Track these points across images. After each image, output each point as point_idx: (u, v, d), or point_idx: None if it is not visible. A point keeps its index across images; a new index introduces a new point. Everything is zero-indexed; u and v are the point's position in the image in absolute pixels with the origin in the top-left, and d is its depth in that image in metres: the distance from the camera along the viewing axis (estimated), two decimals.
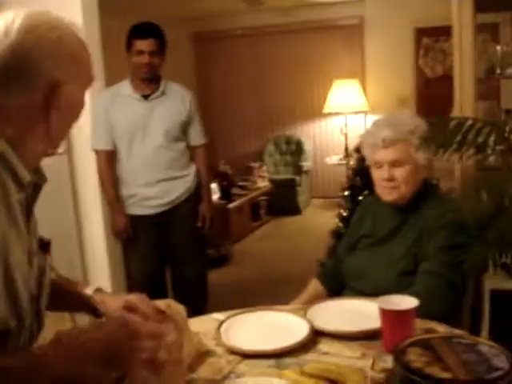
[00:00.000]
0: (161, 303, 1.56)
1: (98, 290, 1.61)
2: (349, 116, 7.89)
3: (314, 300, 2.15)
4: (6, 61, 1.18)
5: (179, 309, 1.58)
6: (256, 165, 7.87)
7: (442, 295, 2.00)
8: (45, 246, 1.41)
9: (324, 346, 1.73)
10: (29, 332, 1.32)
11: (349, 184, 3.09)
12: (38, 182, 1.33)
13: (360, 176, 2.80)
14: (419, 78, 7.93)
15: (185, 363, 1.51)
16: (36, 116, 1.23)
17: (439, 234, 2.09)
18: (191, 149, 3.72)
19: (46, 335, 1.94)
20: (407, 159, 2.15)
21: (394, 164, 2.16)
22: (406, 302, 1.65)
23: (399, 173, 2.15)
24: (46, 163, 1.34)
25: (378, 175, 2.21)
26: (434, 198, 2.22)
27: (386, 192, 2.20)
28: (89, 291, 1.59)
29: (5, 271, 1.16)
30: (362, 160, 2.79)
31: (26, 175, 1.24)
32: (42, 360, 1.12)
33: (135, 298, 1.55)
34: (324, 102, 8.03)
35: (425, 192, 2.22)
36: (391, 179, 2.16)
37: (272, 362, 1.64)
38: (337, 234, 3.13)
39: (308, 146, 8.36)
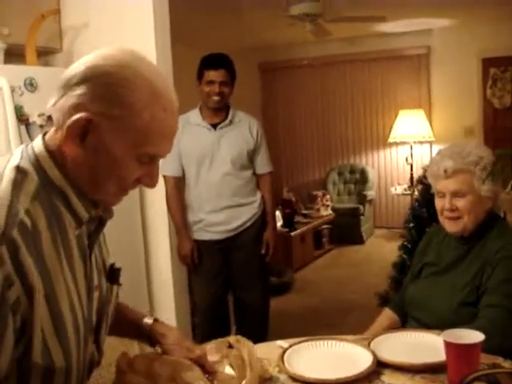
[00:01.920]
0: (231, 338, 1.61)
1: (156, 321, 1.62)
2: (414, 146, 7.84)
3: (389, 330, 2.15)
4: None
5: (248, 344, 1.60)
6: (319, 193, 7.86)
7: (507, 329, 1.96)
8: (113, 275, 1.43)
9: (387, 377, 1.73)
10: (88, 361, 1.33)
11: (413, 215, 3.05)
12: (104, 217, 1.34)
13: (427, 207, 2.77)
14: (487, 109, 7.81)
15: None
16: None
17: (503, 266, 2.06)
18: (257, 176, 3.78)
19: (114, 357, 2.01)
20: (469, 190, 2.13)
21: (456, 194, 2.15)
22: (472, 335, 1.63)
23: (461, 203, 2.15)
24: None
25: (440, 204, 2.22)
26: (499, 229, 2.20)
27: (448, 223, 2.20)
28: (148, 321, 1.61)
29: (53, 314, 1.16)
30: (426, 191, 2.77)
31: (84, 214, 1.25)
32: None
33: (200, 351, 1.57)
34: (389, 132, 8.01)
35: (489, 223, 2.20)
36: (453, 209, 2.16)
37: None
38: (400, 267, 3.09)
39: (372, 176, 8.32)
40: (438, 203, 2.23)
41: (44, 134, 1.27)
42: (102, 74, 1.19)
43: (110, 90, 1.18)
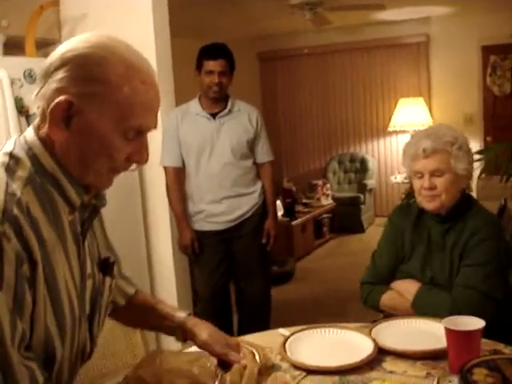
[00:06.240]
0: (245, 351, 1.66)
1: (189, 315, 1.67)
2: None
3: None
4: None
5: (251, 363, 1.62)
6: (320, 182, 7.86)
7: (482, 312, 1.79)
8: (105, 267, 1.44)
9: (388, 364, 1.74)
10: (81, 350, 1.36)
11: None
12: (97, 204, 1.35)
13: None
14: (486, 96, 7.79)
15: None
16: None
17: (482, 247, 2.14)
18: (257, 166, 3.78)
19: (116, 348, 2.03)
20: (447, 169, 2.19)
21: (435, 173, 2.20)
22: (473, 322, 1.65)
23: (440, 182, 2.19)
24: (118, 177, 1.35)
25: (418, 184, 2.25)
26: (477, 209, 2.26)
27: (427, 200, 2.23)
28: (181, 315, 1.66)
29: (51, 292, 1.20)
30: None
31: (76, 199, 1.27)
32: None
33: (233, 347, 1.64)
34: (389, 120, 8.00)
35: (465, 203, 2.26)
36: (432, 188, 2.20)
37: (336, 378, 1.66)
38: None
39: (372, 164, 8.32)
40: (417, 184, 2.26)
41: (35, 124, 1.29)
42: (78, 56, 1.21)
43: (87, 70, 1.20)
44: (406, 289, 2.25)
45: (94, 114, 1.21)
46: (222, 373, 1.53)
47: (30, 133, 1.27)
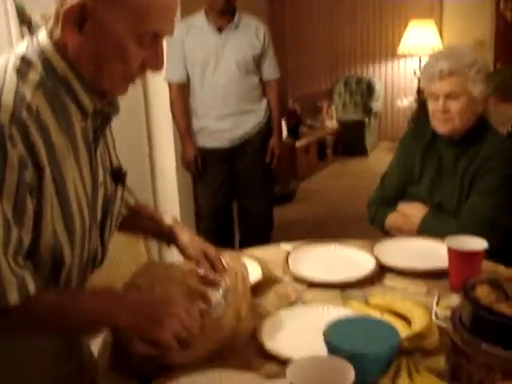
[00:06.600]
0: (226, 256, 1.66)
1: (174, 221, 1.68)
2: (423, 58, 7.70)
3: None
4: None
5: (239, 267, 1.62)
6: (325, 104, 7.79)
7: (489, 238, 1.71)
8: (117, 176, 1.43)
9: (389, 281, 1.76)
10: (92, 257, 1.36)
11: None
12: (110, 112, 1.32)
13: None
14: (499, 23, 7.59)
15: (239, 320, 1.48)
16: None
17: (495, 174, 2.13)
18: (263, 83, 3.71)
19: (121, 258, 2.05)
20: (463, 91, 2.14)
21: (450, 96, 2.16)
22: (475, 242, 1.65)
23: (454, 105, 2.16)
24: None
25: (433, 107, 2.22)
26: (491, 135, 2.22)
27: (440, 123, 2.21)
28: (167, 220, 1.67)
29: (60, 198, 1.19)
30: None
31: (88, 104, 1.23)
32: (79, 297, 1.24)
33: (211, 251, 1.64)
34: (398, 43, 7.85)
35: (480, 128, 2.22)
36: (446, 111, 2.17)
37: (337, 292, 1.68)
38: None
39: (379, 87, 8.21)
40: (431, 106, 2.24)
41: (48, 27, 1.24)
42: None
43: None
44: (412, 213, 2.24)
45: (109, 18, 1.15)
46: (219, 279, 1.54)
47: (42, 36, 1.23)
